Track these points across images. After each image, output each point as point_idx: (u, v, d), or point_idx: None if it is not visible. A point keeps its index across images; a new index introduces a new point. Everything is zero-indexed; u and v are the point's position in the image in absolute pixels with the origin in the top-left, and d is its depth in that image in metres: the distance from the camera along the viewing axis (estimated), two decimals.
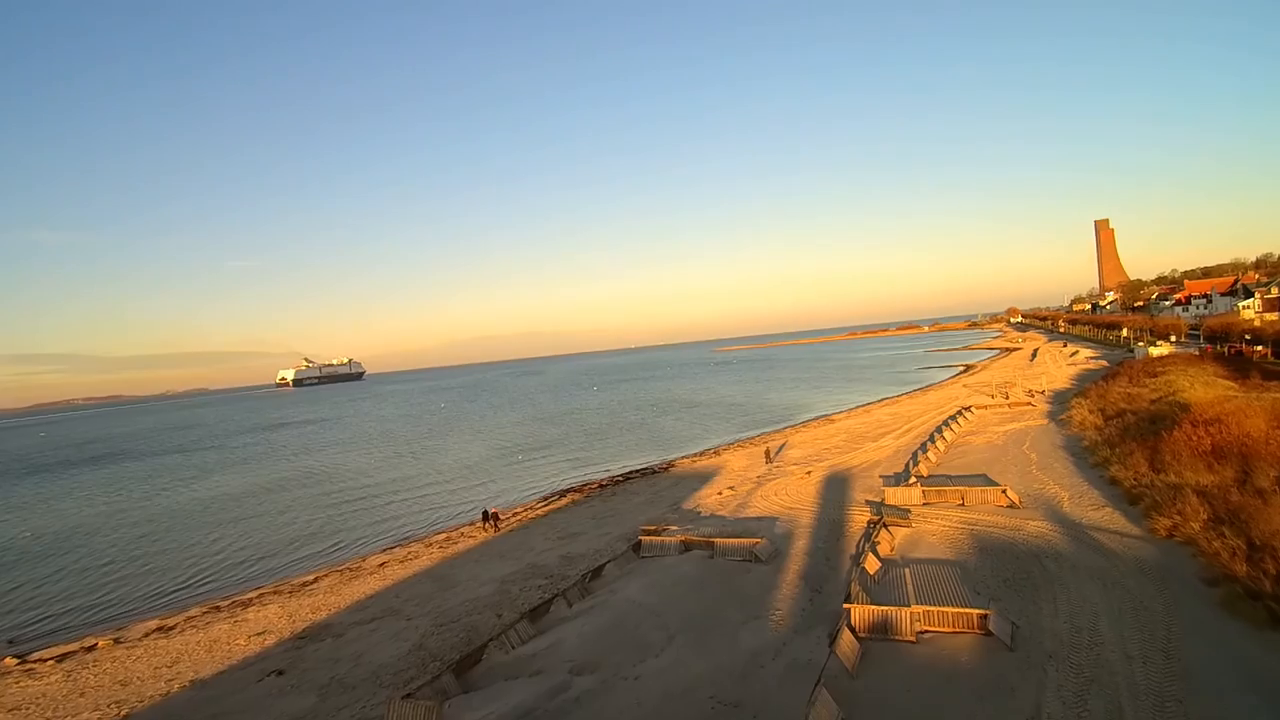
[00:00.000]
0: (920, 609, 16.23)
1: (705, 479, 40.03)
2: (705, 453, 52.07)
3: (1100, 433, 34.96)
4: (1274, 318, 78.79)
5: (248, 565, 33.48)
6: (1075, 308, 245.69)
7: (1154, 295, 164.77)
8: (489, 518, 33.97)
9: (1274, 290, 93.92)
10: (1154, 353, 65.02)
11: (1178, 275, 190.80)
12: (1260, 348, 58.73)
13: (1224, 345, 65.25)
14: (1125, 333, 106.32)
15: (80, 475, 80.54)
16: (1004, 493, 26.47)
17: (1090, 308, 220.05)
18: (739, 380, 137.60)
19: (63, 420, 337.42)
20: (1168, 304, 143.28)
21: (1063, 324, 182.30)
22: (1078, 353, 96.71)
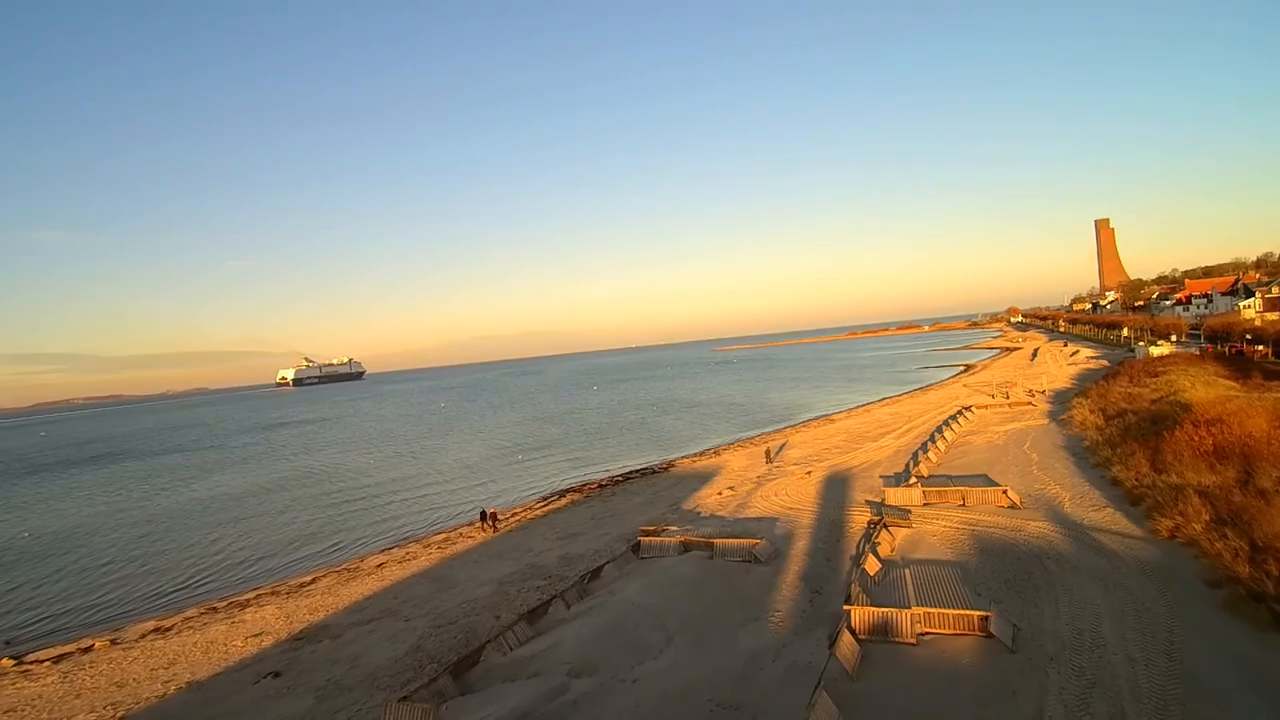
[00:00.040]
0: (921, 611, 16.10)
1: (705, 479, 39.92)
2: (705, 453, 51.95)
3: (1101, 433, 34.81)
4: (1275, 317, 78.63)
5: (246, 565, 33.41)
6: (1076, 307, 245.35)
7: (1154, 295, 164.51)
8: (486, 518, 33.89)
9: (1275, 290, 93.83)
10: (1155, 352, 64.84)
11: (1178, 275, 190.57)
12: (1261, 347, 58.59)
13: (1225, 345, 65.07)
14: (1126, 332, 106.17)
15: (80, 475, 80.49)
16: (1005, 493, 26.35)
17: (1091, 307, 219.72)
18: (739, 380, 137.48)
19: (63, 420, 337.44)
20: (1168, 303, 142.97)
21: (1063, 323, 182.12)
22: (1078, 352, 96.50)
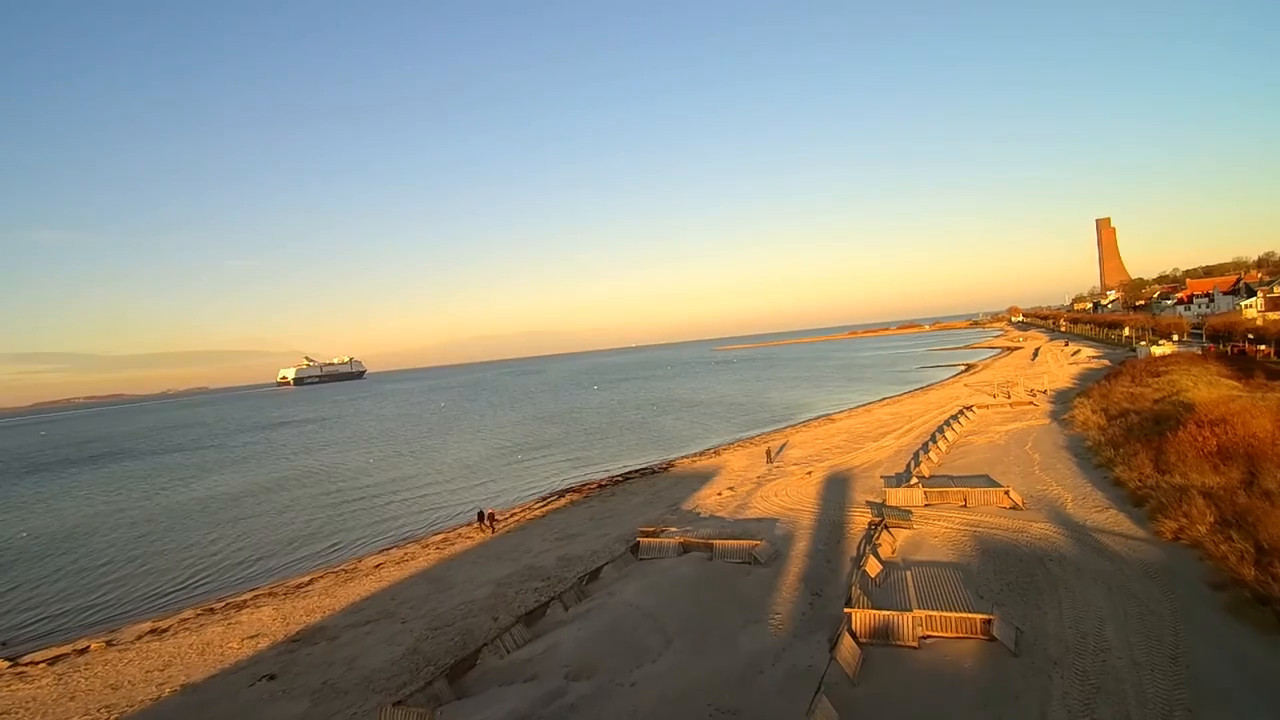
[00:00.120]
0: (922, 613, 15.93)
1: (705, 479, 39.74)
2: (705, 453, 51.78)
3: (1103, 433, 34.60)
4: (1277, 317, 78.40)
5: (245, 566, 33.27)
6: (1077, 307, 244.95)
7: (1156, 294, 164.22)
8: (485, 518, 33.72)
9: (1276, 289, 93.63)
10: (1156, 352, 64.58)
11: (1179, 274, 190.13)
12: (1263, 347, 58.44)
13: (1227, 344, 64.88)
14: (1127, 332, 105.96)
15: (80, 474, 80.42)
16: (1006, 494, 26.17)
17: (1092, 307, 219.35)
18: (739, 379, 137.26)
19: (63, 419, 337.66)
20: (1170, 303, 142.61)
21: (1064, 323, 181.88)
22: (1079, 352, 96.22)
